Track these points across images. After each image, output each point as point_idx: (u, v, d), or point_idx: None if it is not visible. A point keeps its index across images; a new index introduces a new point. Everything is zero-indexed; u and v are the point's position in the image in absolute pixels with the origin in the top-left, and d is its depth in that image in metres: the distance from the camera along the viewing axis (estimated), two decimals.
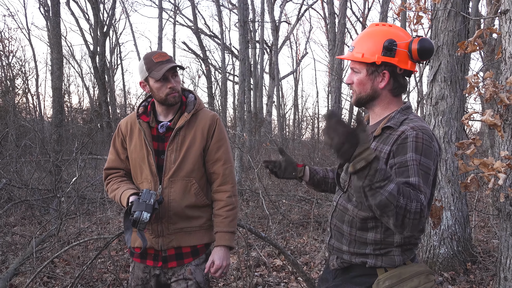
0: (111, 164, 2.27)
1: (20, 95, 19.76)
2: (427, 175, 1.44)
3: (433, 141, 1.50)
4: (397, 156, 1.48)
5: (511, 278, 2.34)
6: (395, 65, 1.59)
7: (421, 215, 1.34)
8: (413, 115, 1.60)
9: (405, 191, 1.33)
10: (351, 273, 1.66)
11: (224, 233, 2.13)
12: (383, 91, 1.63)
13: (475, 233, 5.21)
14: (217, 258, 2.10)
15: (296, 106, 29.60)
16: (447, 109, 4.19)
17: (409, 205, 1.31)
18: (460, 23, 4.15)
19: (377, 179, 1.28)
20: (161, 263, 2.15)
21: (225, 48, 20.07)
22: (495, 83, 2.03)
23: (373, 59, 1.58)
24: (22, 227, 6.29)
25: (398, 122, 1.58)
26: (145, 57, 2.13)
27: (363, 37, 1.65)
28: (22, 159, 8.94)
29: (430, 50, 1.58)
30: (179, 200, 2.10)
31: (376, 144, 1.59)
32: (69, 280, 3.96)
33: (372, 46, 1.60)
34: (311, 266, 4.57)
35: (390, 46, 1.57)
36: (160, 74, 2.03)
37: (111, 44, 24.54)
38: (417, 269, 1.58)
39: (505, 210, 2.32)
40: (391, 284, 1.53)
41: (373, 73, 1.61)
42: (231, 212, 2.16)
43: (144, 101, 2.25)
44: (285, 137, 21.19)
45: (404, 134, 1.49)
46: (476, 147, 2.19)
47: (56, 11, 9.79)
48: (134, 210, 1.93)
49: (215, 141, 2.16)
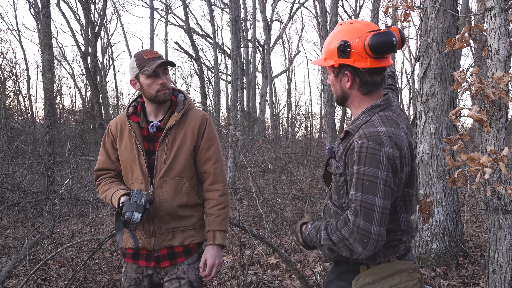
0: (101, 165, 2.26)
1: (11, 97, 19.59)
2: (373, 184, 1.43)
3: (383, 146, 1.45)
4: (348, 167, 1.52)
5: (499, 271, 2.37)
6: (349, 66, 1.55)
7: (349, 238, 1.47)
8: (376, 116, 1.56)
9: (331, 228, 1.55)
10: (340, 268, 1.68)
11: (216, 231, 2.14)
12: (351, 91, 1.61)
13: (467, 228, 5.26)
14: (209, 256, 2.11)
15: (289, 105, 29.64)
16: (438, 106, 4.22)
17: (333, 238, 1.53)
18: (449, 20, 4.19)
19: (312, 238, 1.63)
20: (153, 263, 2.15)
21: (217, 48, 20.04)
22: (481, 79, 2.06)
23: (331, 62, 1.59)
24: (15, 230, 6.26)
25: (357, 126, 1.56)
26: (136, 54, 2.13)
27: (327, 40, 1.65)
28: (14, 162, 8.89)
29: (385, 44, 1.51)
30: (171, 200, 2.11)
31: (340, 148, 1.62)
32: (63, 282, 3.96)
33: (331, 49, 1.60)
34: (305, 263, 4.59)
35: (343, 48, 1.54)
36: (151, 69, 2.03)
37: (103, 44, 24.41)
38: (400, 266, 1.57)
39: (493, 204, 2.36)
40: (372, 281, 1.53)
41: (338, 75, 1.61)
42: (222, 210, 2.17)
43: (133, 101, 2.25)
44: (278, 136, 21.22)
45: (352, 145, 1.51)
46: (463, 143, 2.21)
47: (46, 12, 9.72)
48: (125, 211, 1.93)
49: (206, 141, 2.17)
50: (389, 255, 1.58)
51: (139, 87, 2.14)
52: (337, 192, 1.63)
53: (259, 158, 12.23)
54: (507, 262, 2.38)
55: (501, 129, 2.28)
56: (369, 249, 1.45)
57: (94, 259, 4.74)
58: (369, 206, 1.44)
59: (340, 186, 1.60)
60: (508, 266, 2.39)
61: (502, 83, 2.15)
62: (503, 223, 2.37)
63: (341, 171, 1.57)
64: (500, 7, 2.28)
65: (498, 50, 2.29)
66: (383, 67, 1.59)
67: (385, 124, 1.52)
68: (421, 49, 4.36)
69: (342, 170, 1.56)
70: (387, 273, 1.55)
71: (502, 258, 2.37)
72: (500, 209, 2.37)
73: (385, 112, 1.57)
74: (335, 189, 1.64)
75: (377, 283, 1.53)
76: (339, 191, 1.61)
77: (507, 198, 2.34)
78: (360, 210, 1.44)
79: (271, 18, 22.25)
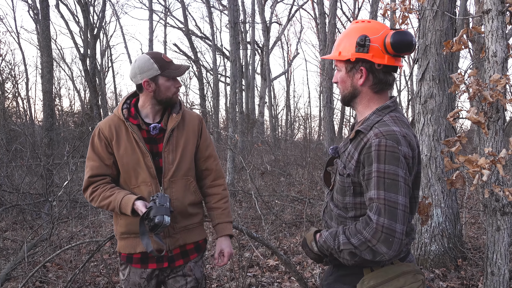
0: (95, 171, 2.12)
1: (10, 99, 19.58)
2: (394, 182, 1.43)
3: (400, 145, 1.46)
4: (365, 167, 1.50)
5: (497, 272, 2.38)
6: (371, 61, 1.57)
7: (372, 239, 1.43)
8: (388, 116, 1.57)
9: (350, 232, 1.50)
10: (340, 271, 1.67)
11: (226, 223, 2.27)
12: (363, 88, 1.61)
13: (465, 230, 5.27)
14: (225, 246, 2.24)
15: (288, 107, 29.69)
16: (436, 108, 4.24)
17: (354, 241, 1.47)
18: (447, 23, 4.20)
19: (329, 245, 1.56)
20: (166, 263, 2.15)
21: (216, 50, 20.08)
22: (479, 81, 2.07)
23: (348, 56, 1.59)
24: (14, 232, 6.25)
25: (369, 126, 1.55)
26: (153, 56, 2.09)
27: (341, 36, 1.66)
28: (13, 164, 8.87)
29: (406, 43, 1.54)
30: (182, 199, 2.15)
31: (350, 147, 1.60)
32: (62, 284, 3.95)
33: (347, 44, 1.60)
34: (304, 265, 4.59)
35: (362, 42, 1.55)
36: (178, 73, 2.12)
37: (102, 46, 24.45)
38: (404, 268, 1.57)
39: (491, 205, 2.37)
40: (376, 284, 1.53)
41: (351, 70, 1.61)
42: (227, 204, 2.31)
43: (124, 104, 2.19)
44: (277, 138, 21.22)
45: (369, 143, 1.49)
46: (462, 145, 2.22)
47: (45, 14, 9.73)
48: (155, 215, 1.91)
49: (204, 140, 2.26)
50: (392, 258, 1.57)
51: (153, 88, 2.09)
52: (342, 193, 1.62)
53: (258, 160, 12.23)
54: (506, 263, 2.39)
55: (499, 131, 2.29)
56: (394, 249, 1.42)
57: (93, 261, 4.74)
58: (393, 204, 1.42)
59: (346, 187, 1.59)
60: (507, 267, 2.40)
61: (500, 85, 2.16)
62: (501, 224, 2.38)
63: (350, 172, 1.56)
64: (497, 10, 2.29)
65: (495, 52, 2.30)
66: (396, 67, 1.61)
67: (398, 124, 1.53)
68: (419, 51, 4.38)
69: (353, 170, 1.55)
70: (391, 275, 1.54)
71: (500, 260, 2.38)
72: (498, 211, 2.38)
73: (395, 114, 1.59)
74: (340, 190, 1.63)
75: (382, 286, 1.53)
76: (345, 191, 1.60)
77: (505, 200, 2.34)
78: (384, 209, 1.42)
79: (270, 20, 22.30)
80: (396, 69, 1.63)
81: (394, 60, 1.58)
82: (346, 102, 1.70)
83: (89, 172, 2.13)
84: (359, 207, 1.58)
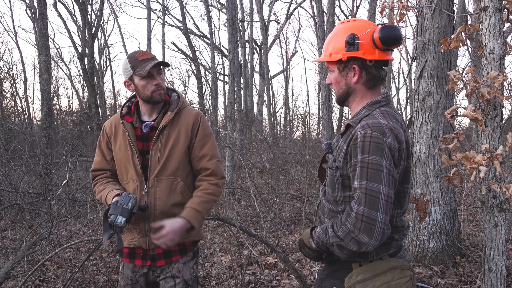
0: (97, 166, 2.28)
1: (8, 99, 19.56)
2: (377, 172, 1.43)
3: (386, 136, 1.47)
4: (352, 158, 1.52)
5: (495, 269, 2.39)
6: (363, 58, 1.59)
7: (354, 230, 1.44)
8: (377, 111, 1.59)
9: (337, 224, 1.53)
10: (332, 267, 1.69)
11: (191, 208, 2.07)
12: (357, 85, 1.64)
13: (464, 227, 5.29)
14: (169, 225, 2.01)
15: (287, 105, 29.68)
16: (434, 105, 4.24)
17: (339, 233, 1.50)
18: (445, 20, 4.21)
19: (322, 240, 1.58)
20: (149, 262, 2.16)
21: (214, 48, 20.05)
22: (476, 78, 2.08)
23: (339, 56, 1.61)
24: (13, 231, 6.25)
25: (358, 119, 1.58)
26: (129, 56, 2.14)
27: (329, 37, 1.68)
28: (11, 163, 8.86)
29: (394, 36, 1.57)
30: (165, 199, 2.11)
31: (340, 141, 1.63)
32: (61, 283, 3.96)
33: (336, 44, 1.63)
34: (303, 263, 4.60)
35: (352, 40, 1.58)
36: (146, 70, 2.04)
37: (100, 45, 24.41)
38: (392, 264, 1.58)
39: (488, 202, 2.38)
40: (364, 279, 1.55)
41: (344, 70, 1.64)
42: (207, 195, 2.12)
43: (127, 102, 2.26)
44: (276, 136, 21.23)
45: (355, 135, 1.52)
46: (460, 142, 2.23)
47: (43, 13, 9.71)
48: (110, 214, 1.94)
49: (200, 138, 2.17)
50: (381, 253, 1.60)
51: (133, 88, 2.14)
52: (332, 186, 1.64)
53: (257, 158, 12.23)
54: (503, 259, 2.40)
55: (496, 128, 2.30)
56: (376, 238, 1.42)
57: (92, 259, 4.74)
58: (374, 193, 1.42)
59: (335, 180, 1.61)
60: (504, 263, 2.41)
61: (497, 82, 2.16)
62: (499, 221, 2.39)
63: (339, 164, 1.58)
64: (494, 7, 2.30)
65: (492, 49, 2.30)
66: (387, 61, 1.64)
67: (386, 118, 1.55)
68: (417, 49, 4.38)
69: (341, 163, 1.57)
70: (379, 271, 1.56)
71: (497, 256, 2.39)
72: (496, 207, 2.39)
73: (386, 108, 1.61)
74: (330, 183, 1.65)
75: (369, 281, 1.54)
76: (334, 185, 1.62)
77: (502, 196, 2.36)
78: (365, 198, 1.43)
79: (268, 19, 22.29)
80: (387, 63, 1.66)
81: (385, 54, 1.61)
82: (341, 102, 1.72)
83: (92, 166, 2.31)
84: (348, 200, 1.60)
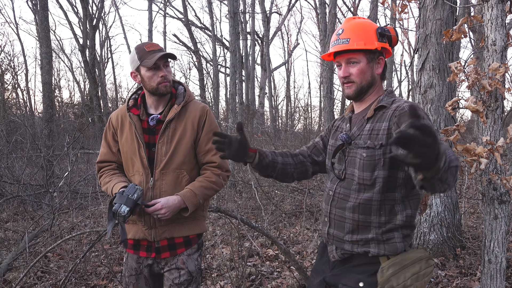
0: (103, 157, 2.28)
1: (10, 91, 19.54)
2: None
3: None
4: (401, 124, 1.52)
5: (495, 260, 2.39)
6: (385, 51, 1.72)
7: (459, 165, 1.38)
8: (398, 97, 1.71)
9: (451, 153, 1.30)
10: (351, 263, 1.69)
11: (189, 190, 2.09)
12: (378, 76, 1.74)
13: (464, 219, 5.29)
14: (164, 201, 2.03)
15: (288, 97, 29.57)
16: (436, 97, 4.23)
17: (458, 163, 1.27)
18: (448, 12, 4.17)
19: (447, 158, 1.18)
20: (154, 254, 2.17)
21: (216, 40, 19.97)
22: (477, 70, 2.07)
23: (374, 45, 1.67)
24: (15, 223, 6.28)
25: (389, 102, 1.68)
26: (137, 47, 2.14)
27: (354, 29, 1.71)
28: (13, 155, 8.88)
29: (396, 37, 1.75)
30: (171, 192, 2.11)
31: (371, 125, 1.66)
32: (63, 274, 3.98)
33: (368, 35, 1.69)
34: (304, 255, 4.62)
35: (383, 32, 1.69)
36: (152, 61, 2.04)
37: (101, 37, 24.29)
38: (417, 255, 1.64)
39: (489, 194, 2.37)
40: (395, 271, 1.59)
41: (372, 61, 1.71)
42: (208, 182, 2.14)
43: (134, 94, 2.26)
44: (277, 128, 21.21)
45: (400, 108, 1.59)
46: (461, 134, 2.22)
47: (44, 5, 9.67)
48: (115, 202, 1.96)
49: (206, 133, 2.17)
50: (407, 245, 1.66)
51: (140, 79, 2.15)
52: (370, 168, 1.62)
53: None
54: (503, 251, 2.40)
55: (497, 120, 2.29)
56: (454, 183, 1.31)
57: (94, 251, 4.77)
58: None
59: (377, 159, 1.61)
60: (504, 255, 2.41)
61: (498, 74, 2.15)
62: (499, 213, 2.39)
63: (382, 142, 1.59)
64: None
65: (494, 41, 2.29)
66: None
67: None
68: (419, 40, 4.35)
69: (385, 139, 1.59)
70: (407, 262, 1.61)
71: (497, 248, 2.39)
72: (496, 199, 2.38)
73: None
74: (367, 166, 1.63)
75: (400, 273, 1.59)
76: (374, 166, 1.62)
77: (503, 188, 2.35)
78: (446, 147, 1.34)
79: (270, 10, 22.14)
80: None
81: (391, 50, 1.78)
82: (362, 93, 1.73)
83: (98, 157, 2.31)
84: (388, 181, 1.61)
